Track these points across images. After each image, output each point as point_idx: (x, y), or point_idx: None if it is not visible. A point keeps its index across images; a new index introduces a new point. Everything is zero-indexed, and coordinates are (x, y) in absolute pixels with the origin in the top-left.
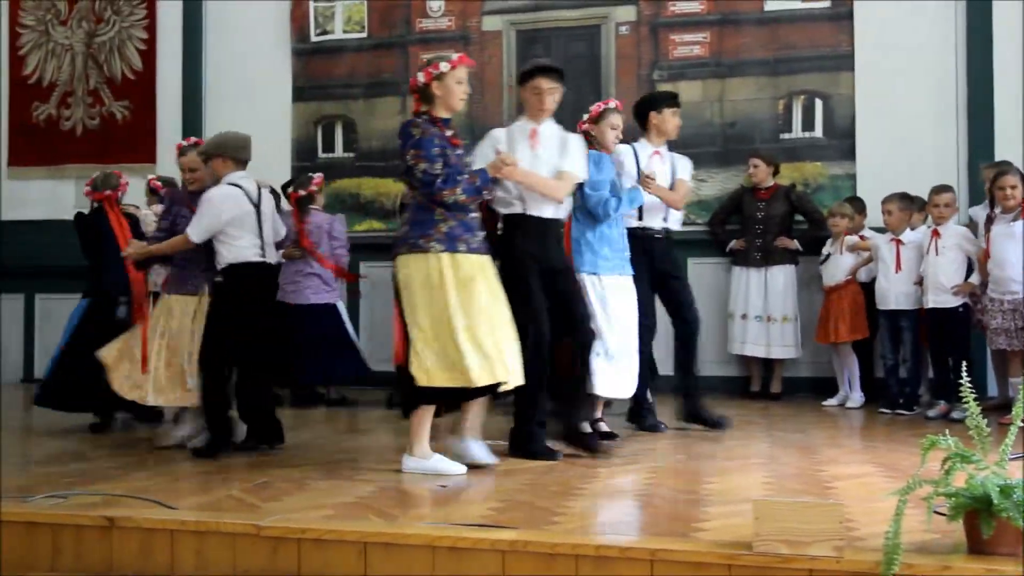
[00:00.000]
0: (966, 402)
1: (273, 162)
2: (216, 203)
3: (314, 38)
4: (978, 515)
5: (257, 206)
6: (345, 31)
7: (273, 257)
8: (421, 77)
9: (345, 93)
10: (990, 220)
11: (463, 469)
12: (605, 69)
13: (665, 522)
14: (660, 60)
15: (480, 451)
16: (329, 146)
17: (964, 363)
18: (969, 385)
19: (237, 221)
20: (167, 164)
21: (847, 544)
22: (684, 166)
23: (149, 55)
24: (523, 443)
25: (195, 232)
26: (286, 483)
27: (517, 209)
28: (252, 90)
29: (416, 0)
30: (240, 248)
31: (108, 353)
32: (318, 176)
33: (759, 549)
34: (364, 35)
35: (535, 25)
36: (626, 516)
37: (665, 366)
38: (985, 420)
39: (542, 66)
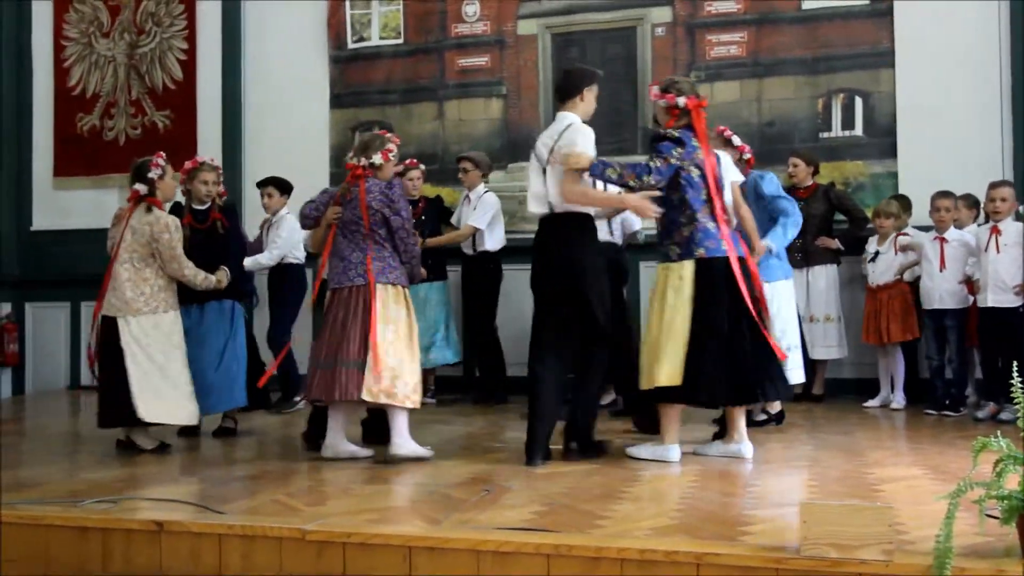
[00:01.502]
0: (1017, 403)
1: (311, 169)
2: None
3: (351, 45)
4: None
5: None
6: (382, 37)
7: None
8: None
9: (382, 99)
10: None
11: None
12: (641, 71)
13: (710, 525)
14: (697, 61)
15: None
16: None
17: (1016, 363)
18: (1021, 386)
19: None
20: None
21: (896, 547)
22: None
23: (189, 65)
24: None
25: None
26: (331, 487)
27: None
28: (290, 97)
29: (452, 5)
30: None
31: None
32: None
33: (807, 553)
34: (400, 41)
35: (570, 28)
36: (670, 519)
37: None
38: None
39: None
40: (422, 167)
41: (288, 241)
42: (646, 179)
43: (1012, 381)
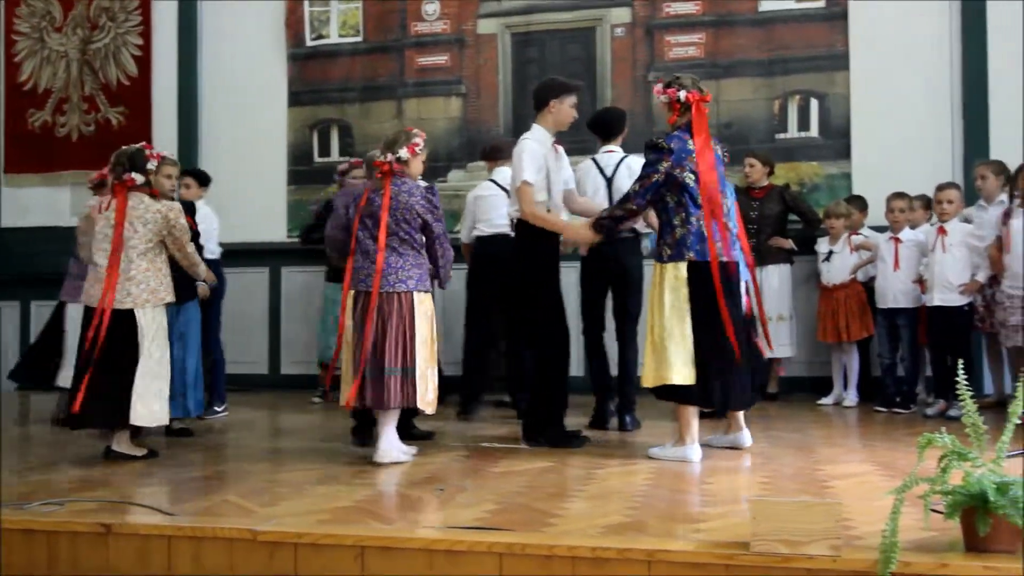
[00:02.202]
0: (963, 400)
1: (269, 167)
2: None
3: (309, 42)
4: (975, 512)
5: None
6: (341, 35)
7: None
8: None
9: (341, 97)
10: (1007, 215)
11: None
12: (601, 71)
13: (663, 523)
14: (655, 61)
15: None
16: (325, 150)
17: (961, 361)
18: (966, 383)
19: None
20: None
21: (845, 543)
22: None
23: (144, 61)
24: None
25: None
26: (284, 488)
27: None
28: (248, 95)
29: (412, 4)
30: None
31: None
32: None
33: (757, 549)
34: (359, 39)
35: (530, 28)
36: (623, 517)
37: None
38: (982, 418)
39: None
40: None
41: (206, 234)
42: (628, 206)
43: (957, 379)
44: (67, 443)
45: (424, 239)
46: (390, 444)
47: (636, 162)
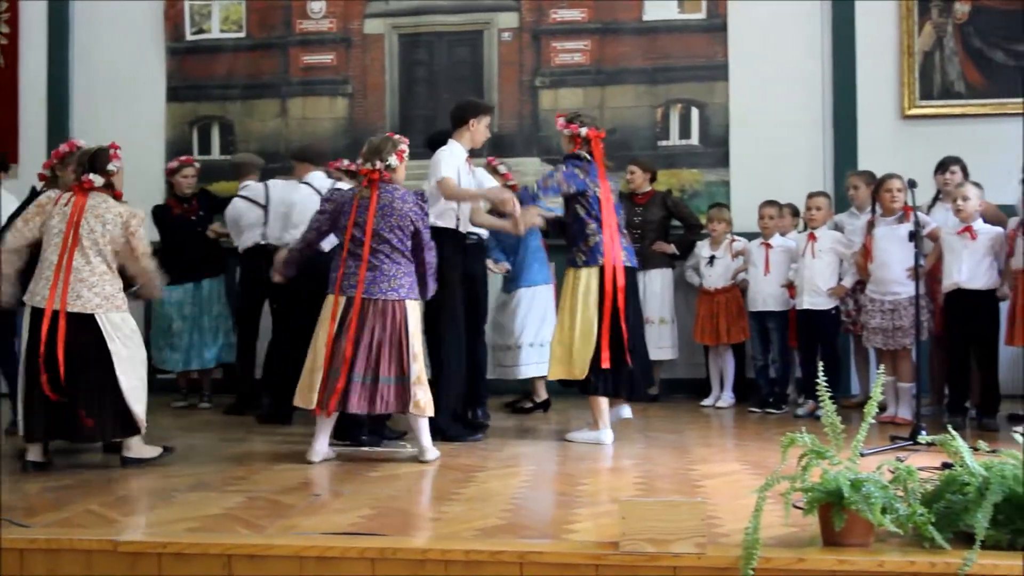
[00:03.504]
0: (822, 401)
1: (146, 163)
2: None
3: (189, 37)
4: (831, 508)
5: None
6: (222, 30)
7: None
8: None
9: (222, 94)
10: (871, 224)
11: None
12: (488, 75)
13: (537, 524)
14: (542, 67)
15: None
16: (205, 148)
17: (821, 363)
18: (826, 384)
19: None
20: (30, 164)
21: (710, 541)
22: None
23: (10, 50)
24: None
25: None
26: (151, 497)
27: (451, 224)
28: (124, 88)
29: (296, 1)
30: None
31: None
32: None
33: (625, 548)
34: (242, 35)
35: (417, 29)
36: (498, 519)
37: None
38: (839, 417)
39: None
40: (197, 164)
41: None
42: (549, 182)
43: (817, 380)
44: None
45: (414, 248)
46: (429, 443)
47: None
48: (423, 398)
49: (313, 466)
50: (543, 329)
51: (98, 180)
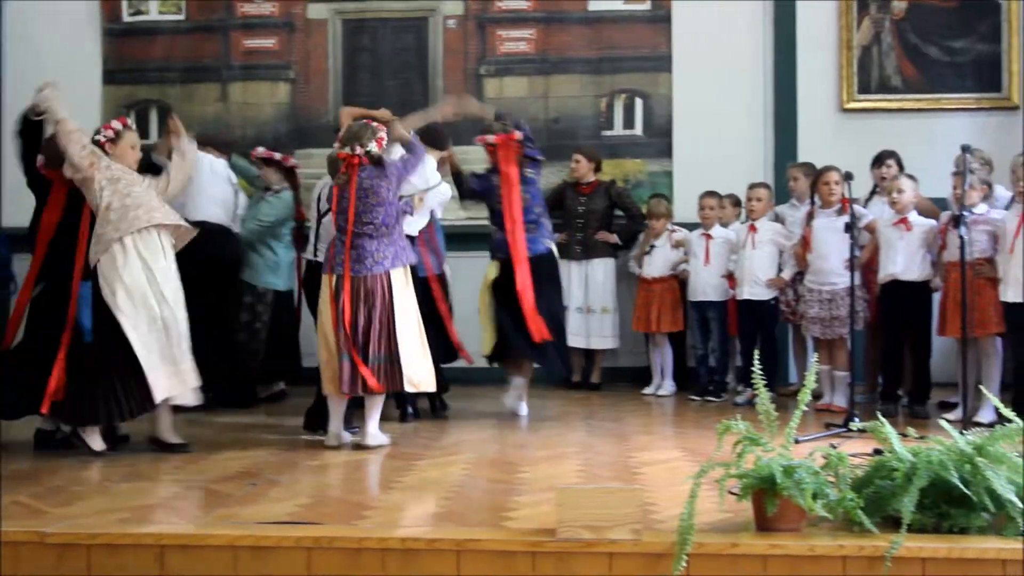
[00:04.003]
0: (758, 389)
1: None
2: None
3: (127, 18)
4: (764, 494)
5: None
6: (161, 12)
7: None
8: None
9: (161, 77)
10: (810, 215)
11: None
12: (432, 62)
13: (476, 512)
14: (487, 55)
15: None
16: (143, 132)
17: (758, 352)
18: (764, 373)
19: None
20: None
21: (647, 527)
22: None
23: None
24: None
25: None
26: (83, 487)
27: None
28: (58, 70)
29: None
30: None
31: None
32: None
33: (562, 535)
34: (181, 17)
35: (362, 15)
36: (437, 508)
37: None
38: (774, 404)
39: None
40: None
41: None
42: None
43: (752, 368)
44: None
45: (395, 218)
46: (376, 428)
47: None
48: (417, 375)
49: (252, 455)
50: None
51: None
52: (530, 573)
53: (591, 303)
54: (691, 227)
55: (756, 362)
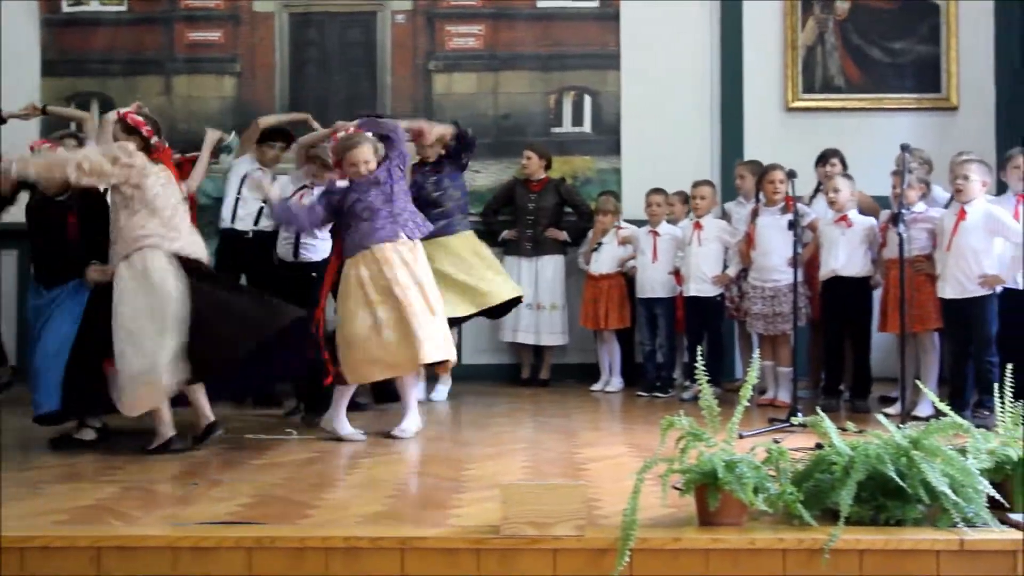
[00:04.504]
0: (700, 385)
1: (20, 139)
2: None
3: (66, 8)
4: (706, 489)
5: None
6: (102, 3)
7: None
8: None
9: (103, 69)
10: (755, 213)
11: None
12: (381, 57)
13: (420, 510)
14: (436, 51)
15: None
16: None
17: (701, 349)
18: (710, 368)
19: None
20: None
21: (591, 523)
22: None
23: None
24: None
25: None
26: (18, 488)
27: None
28: None
29: None
30: None
31: None
32: None
33: (506, 532)
34: (123, 8)
35: (309, 8)
36: (382, 506)
37: None
38: (717, 400)
39: None
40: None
41: None
42: None
43: (695, 365)
44: None
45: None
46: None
47: None
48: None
49: (194, 455)
50: None
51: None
52: (474, 570)
53: (541, 300)
54: (639, 224)
55: (700, 358)
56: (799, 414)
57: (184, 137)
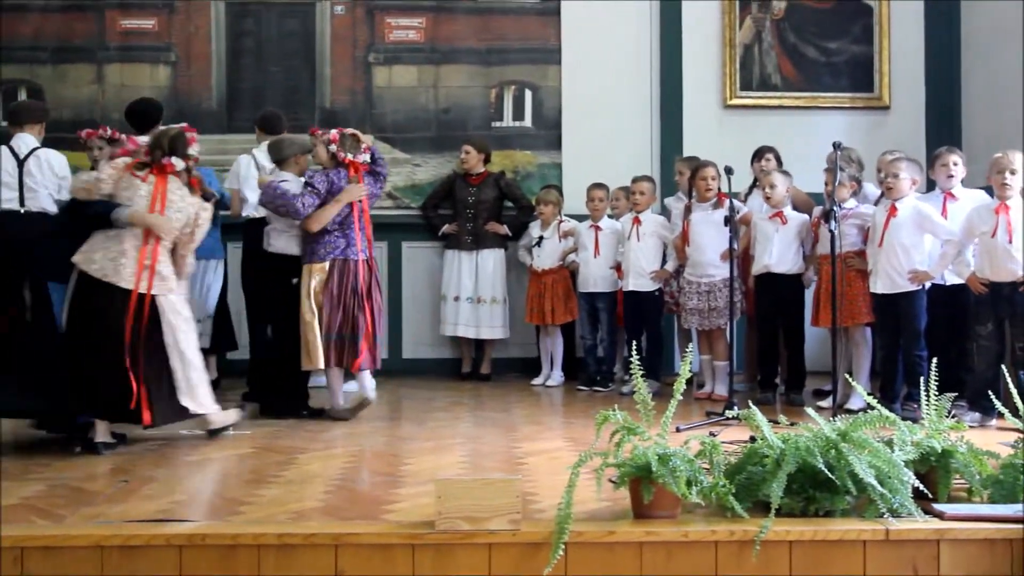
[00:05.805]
0: (635, 379)
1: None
2: None
3: None
4: (640, 482)
5: None
6: None
7: None
8: None
9: (31, 57)
10: (688, 209)
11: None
12: (320, 49)
13: (356, 506)
14: (376, 43)
15: None
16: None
17: (636, 344)
18: (648, 363)
19: None
20: None
21: (527, 517)
22: None
23: None
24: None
25: None
26: None
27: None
28: None
29: None
30: None
31: None
32: None
33: (441, 527)
34: None
35: None
36: (317, 502)
37: None
38: (651, 393)
39: None
40: None
41: None
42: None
43: (631, 358)
44: None
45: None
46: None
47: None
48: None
49: (125, 451)
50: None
51: (179, 164)
52: (409, 566)
53: (481, 294)
54: (580, 219)
55: (635, 353)
56: (735, 407)
57: (117, 126)
